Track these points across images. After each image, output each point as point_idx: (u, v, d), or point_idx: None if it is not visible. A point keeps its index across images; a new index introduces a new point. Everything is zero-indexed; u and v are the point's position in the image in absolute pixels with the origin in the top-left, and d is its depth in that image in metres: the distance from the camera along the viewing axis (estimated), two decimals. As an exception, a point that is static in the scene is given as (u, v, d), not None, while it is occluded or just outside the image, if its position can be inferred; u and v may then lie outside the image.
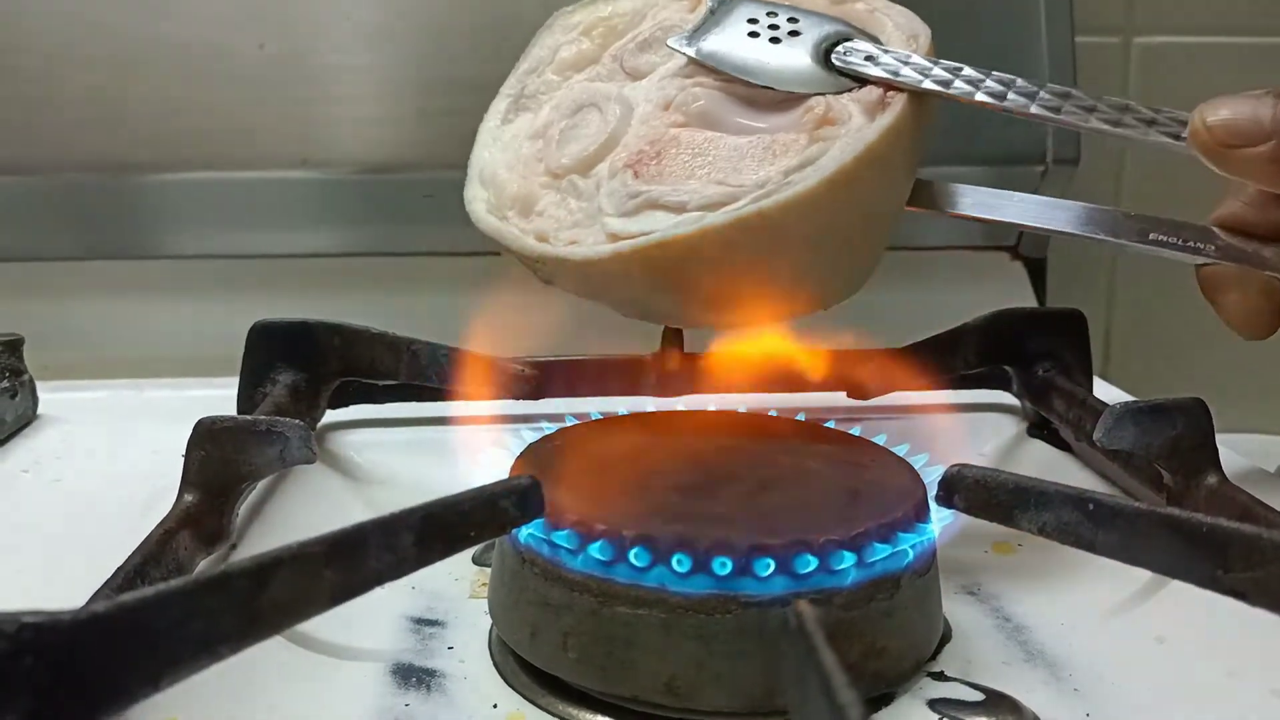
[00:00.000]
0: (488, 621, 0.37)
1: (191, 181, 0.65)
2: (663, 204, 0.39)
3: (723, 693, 0.32)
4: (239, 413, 0.48)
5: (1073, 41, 0.67)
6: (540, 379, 0.49)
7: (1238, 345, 0.76)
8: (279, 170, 0.65)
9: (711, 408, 0.47)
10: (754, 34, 0.42)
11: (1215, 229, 0.42)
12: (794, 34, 0.42)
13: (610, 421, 0.42)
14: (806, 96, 0.40)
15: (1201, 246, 0.42)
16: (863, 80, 0.40)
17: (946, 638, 0.38)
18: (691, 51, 0.42)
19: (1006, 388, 0.56)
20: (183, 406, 0.43)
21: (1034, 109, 0.40)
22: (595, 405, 0.48)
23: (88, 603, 0.28)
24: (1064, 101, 0.40)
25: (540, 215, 0.41)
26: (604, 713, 0.33)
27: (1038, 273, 0.72)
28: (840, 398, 0.52)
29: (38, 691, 0.23)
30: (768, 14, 0.43)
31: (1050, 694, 0.35)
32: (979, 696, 0.35)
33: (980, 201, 0.43)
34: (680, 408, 0.49)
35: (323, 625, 0.34)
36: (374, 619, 0.38)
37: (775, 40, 0.42)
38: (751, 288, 0.40)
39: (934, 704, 0.34)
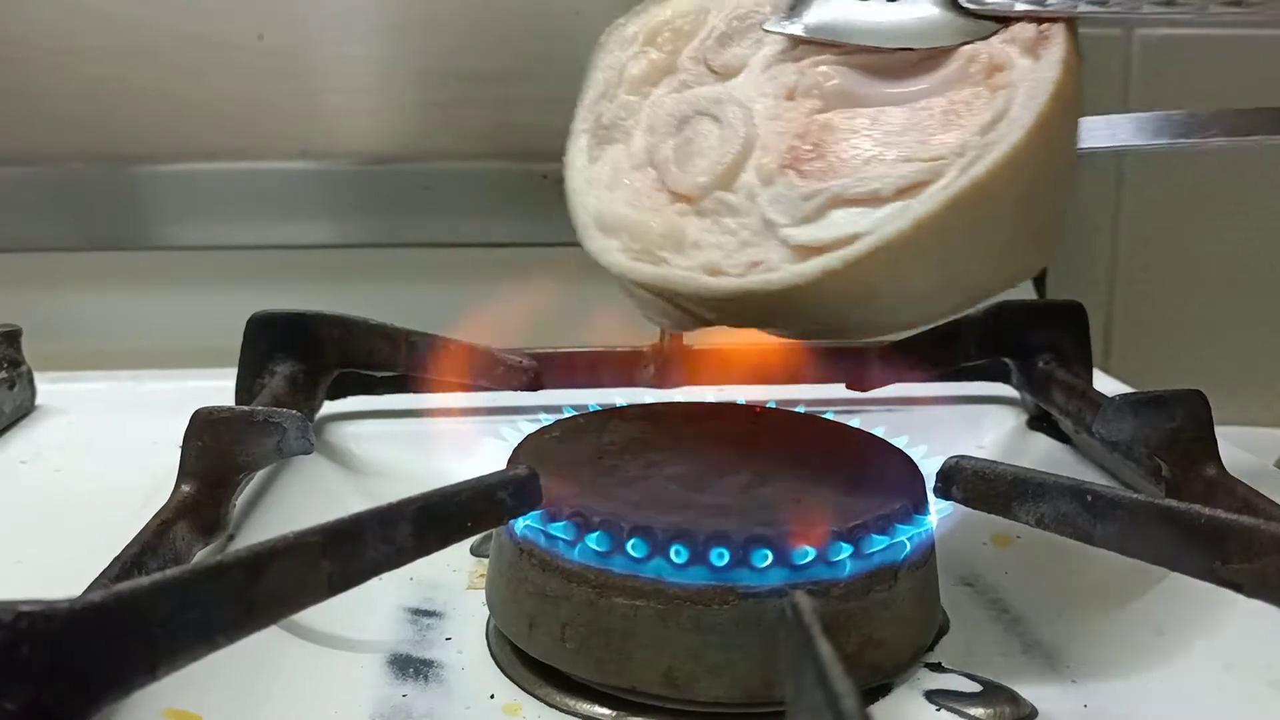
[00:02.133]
0: (485, 612, 0.37)
1: (190, 172, 0.65)
2: (849, 198, 0.34)
3: (720, 684, 0.32)
4: (237, 404, 0.48)
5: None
6: (538, 370, 0.49)
7: (1238, 338, 0.77)
8: (278, 161, 0.65)
9: (709, 399, 0.47)
10: None
11: None
12: None
13: (608, 413, 0.42)
14: (950, 50, 0.36)
15: None
16: (1005, 19, 0.36)
17: (944, 629, 0.38)
18: (798, 30, 0.38)
19: (1006, 380, 0.56)
20: (181, 397, 0.43)
21: (1212, 7, 0.37)
22: (593, 397, 0.48)
23: (84, 592, 0.28)
24: None
25: (698, 248, 0.36)
26: (602, 704, 0.33)
27: (1038, 265, 0.71)
28: (839, 389, 0.51)
29: (35, 680, 0.23)
30: None
31: (1048, 685, 0.35)
32: (976, 688, 0.35)
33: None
34: (678, 399, 0.49)
35: (320, 616, 0.34)
36: (372, 610, 0.38)
37: None
38: (966, 271, 0.36)
39: (931, 695, 0.34)
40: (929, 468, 0.37)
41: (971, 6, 0.37)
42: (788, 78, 0.38)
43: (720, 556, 0.32)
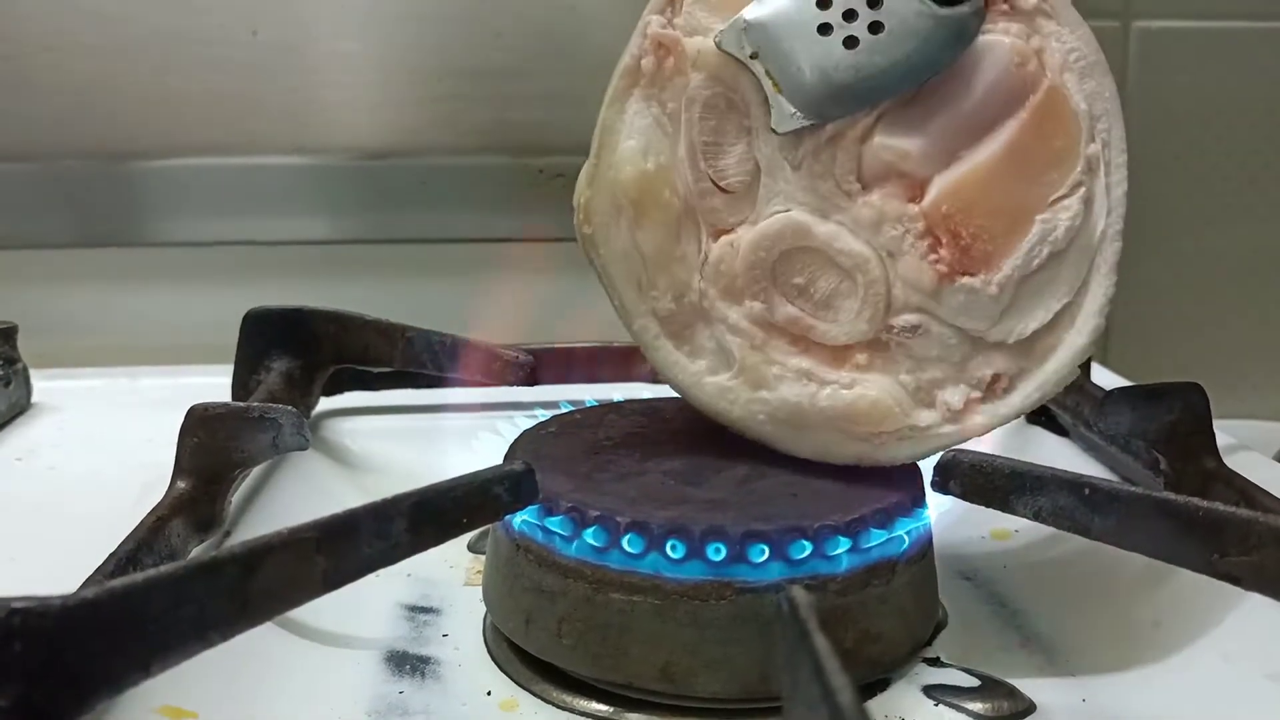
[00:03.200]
0: (483, 609, 0.37)
1: (185, 168, 0.65)
2: (1033, 270, 0.33)
3: (717, 679, 0.32)
4: (233, 400, 0.48)
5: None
6: (535, 366, 0.49)
7: (1236, 332, 0.76)
8: (273, 157, 0.65)
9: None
10: (851, 40, 0.32)
11: None
12: (874, 3, 0.32)
13: (604, 408, 0.42)
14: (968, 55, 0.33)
15: None
16: None
17: (942, 624, 0.38)
18: (813, 119, 0.33)
19: (1004, 374, 0.56)
20: (177, 394, 0.43)
21: None
22: (590, 392, 0.48)
23: (78, 589, 0.28)
24: None
25: (925, 393, 0.34)
26: (599, 700, 0.33)
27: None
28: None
29: (28, 677, 0.23)
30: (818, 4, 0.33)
31: (1046, 679, 0.35)
32: (975, 682, 0.34)
33: None
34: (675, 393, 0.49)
35: (317, 612, 0.34)
36: (369, 606, 0.38)
37: (876, 27, 0.32)
38: None
39: (929, 690, 0.34)
40: (927, 461, 0.37)
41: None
42: (843, 167, 0.34)
43: (717, 551, 0.32)
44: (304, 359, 0.50)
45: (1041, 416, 0.54)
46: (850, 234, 0.34)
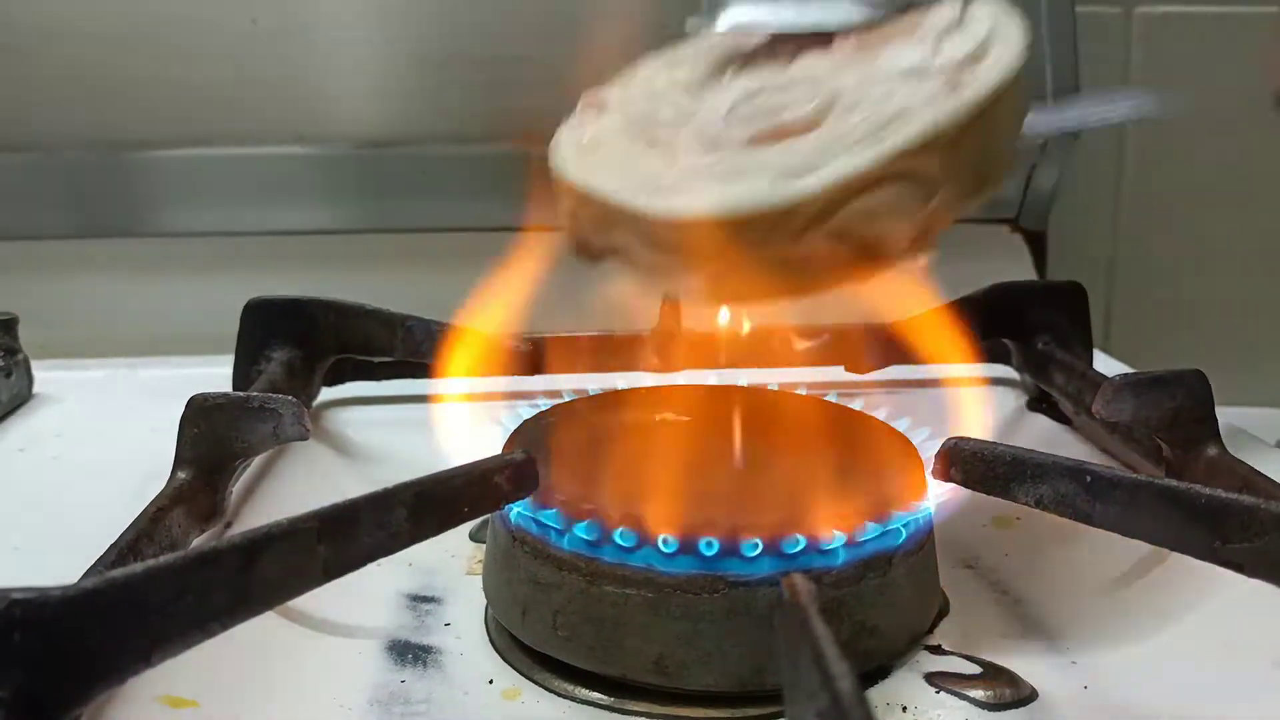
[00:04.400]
0: (484, 598, 0.37)
1: (186, 158, 0.65)
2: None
3: (711, 672, 0.32)
4: (234, 390, 0.48)
5: (1073, 11, 0.66)
6: (537, 354, 0.49)
7: (1238, 318, 0.76)
8: (273, 146, 0.65)
9: (711, 382, 0.47)
10: None
11: None
12: None
13: (604, 397, 0.42)
14: None
15: None
16: None
17: (944, 611, 0.38)
18: (742, 20, 0.37)
19: (1006, 361, 0.56)
20: (178, 385, 0.43)
21: None
22: (593, 381, 0.48)
23: (79, 579, 0.28)
24: None
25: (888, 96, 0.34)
26: (600, 689, 0.33)
27: (1037, 245, 0.71)
28: (840, 372, 0.51)
29: (28, 667, 0.23)
30: None
31: (1048, 667, 0.35)
32: (976, 670, 0.34)
33: None
34: (679, 382, 0.49)
35: (320, 602, 0.34)
36: (371, 596, 0.38)
37: None
38: None
39: (931, 677, 0.34)
40: (931, 451, 0.36)
41: None
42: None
43: (709, 546, 0.31)
44: (305, 349, 0.50)
45: (1043, 404, 0.54)
46: (774, 78, 0.37)
